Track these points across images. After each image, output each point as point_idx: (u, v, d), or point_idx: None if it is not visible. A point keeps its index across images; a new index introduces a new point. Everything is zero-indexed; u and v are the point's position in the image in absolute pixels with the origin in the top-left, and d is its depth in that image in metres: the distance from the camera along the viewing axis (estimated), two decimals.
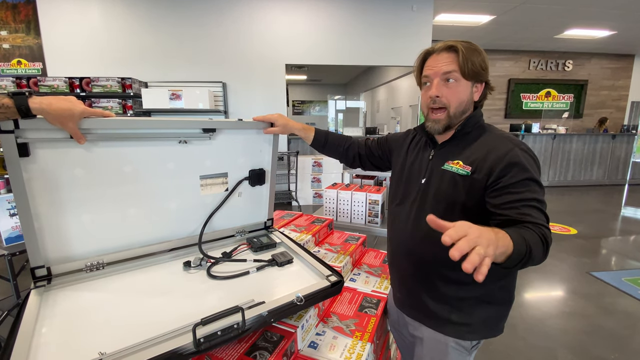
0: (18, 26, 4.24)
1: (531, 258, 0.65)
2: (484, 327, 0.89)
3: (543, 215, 0.73)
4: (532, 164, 0.78)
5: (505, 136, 0.83)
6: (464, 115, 0.87)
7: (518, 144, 0.80)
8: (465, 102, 0.85)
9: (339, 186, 1.96)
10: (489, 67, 0.86)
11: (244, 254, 1.05)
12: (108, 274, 0.89)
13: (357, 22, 4.74)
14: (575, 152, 6.60)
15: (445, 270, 0.86)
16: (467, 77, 0.82)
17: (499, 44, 6.70)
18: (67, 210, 0.82)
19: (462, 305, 0.87)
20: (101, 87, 4.00)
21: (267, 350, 0.75)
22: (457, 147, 0.87)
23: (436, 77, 0.84)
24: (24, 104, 0.66)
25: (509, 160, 0.77)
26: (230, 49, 4.59)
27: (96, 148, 0.83)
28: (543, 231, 0.69)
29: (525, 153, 0.78)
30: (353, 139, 1.19)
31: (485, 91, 0.88)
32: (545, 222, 0.72)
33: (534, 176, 0.76)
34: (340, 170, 5.03)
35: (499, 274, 0.84)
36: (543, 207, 0.74)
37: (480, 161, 0.80)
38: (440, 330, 0.89)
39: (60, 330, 0.67)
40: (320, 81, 11.43)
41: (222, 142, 1.03)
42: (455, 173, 0.83)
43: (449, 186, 0.83)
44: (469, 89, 0.84)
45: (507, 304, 0.90)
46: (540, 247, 0.67)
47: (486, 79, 0.86)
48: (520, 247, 0.62)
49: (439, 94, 0.83)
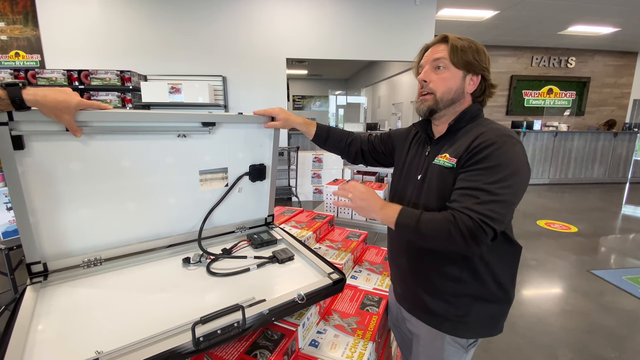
0: (16, 17, 4.19)
1: (420, 234, 0.76)
2: (481, 325, 0.88)
3: (480, 205, 0.70)
4: (508, 154, 0.74)
5: (496, 128, 0.80)
6: (455, 105, 0.86)
7: (502, 135, 0.76)
8: (454, 90, 0.84)
9: (339, 182, 1.94)
10: (491, 64, 0.85)
11: (244, 250, 1.04)
12: (106, 270, 0.88)
13: (359, 17, 4.69)
14: (576, 149, 6.57)
15: (441, 266, 0.85)
16: (456, 65, 0.82)
17: (502, 40, 6.63)
18: (63, 205, 0.80)
19: (458, 302, 0.85)
20: (100, 80, 3.96)
21: (268, 349, 0.73)
22: (449, 141, 0.87)
23: (427, 64, 0.87)
24: (18, 96, 0.64)
25: (477, 147, 0.76)
26: (231, 42, 4.54)
27: (93, 141, 0.81)
28: (453, 214, 0.72)
29: (506, 144, 0.74)
30: (355, 135, 1.17)
31: (483, 86, 0.86)
32: (472, 209, 0.70)
33: (498, 164, 0.73)
34: (340, 166, 5.01)
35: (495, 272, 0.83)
36: (484, 197, 0.71)
37: (463, 152, 0.79)
38: (437, 326, 0.89)
39: (56, 327, 0.66)
40: (321, 76, 11.36)
41: (222, 137, 1.01)
42: (442, 166, 0.83)
43: (438, 180, 0.83)
44: (458, 78, 0.83)
45: (506, 303, 0.89)
46: (440, 225, 0.73)
47: (482, 72, 0.84)
48: (406, 219, 0.78)
49: (427, 79, 0.86)
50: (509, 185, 0.72)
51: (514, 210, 0.82)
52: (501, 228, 0.73)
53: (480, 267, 0.82)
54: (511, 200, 0.73)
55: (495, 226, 0.70)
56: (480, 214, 0.70)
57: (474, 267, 0.82)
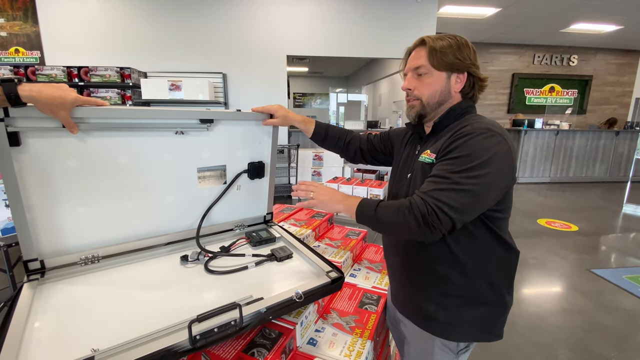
0: (16, 13, 4.18)
1: (378, 222, 0.78)
2: (472, 329, 0.84)
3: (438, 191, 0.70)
4: (481, 145, 0.71)
5: (480, 122, 0.77)
6: (444, 106, 0.85)
7: (480, 128, 0.74)
8: (440, 92, 0.83)
9: (339, 180, 1.93)
10: (493, 62, 0.83)
11: (242, 248, 1.03)
12: (103, 267, 0.87)
13: (360, 14, 4.66)
14: (577, 148, 6.55)
15: (430, 265, 0.84)
16: (437, 67, 0.81)
17: (504, 37, 6.59)
18: (60, 202, 0.80)
19: (448, 303, 0.83)
20: (100, 77, 3.95)
21: (266, 347, 0.73)
22: (434, 138, 0.86)
23: (409, 72, 0.87)
24: (13, 92, 0.64)
25: (453, 139, 0.76)
26: (231, 39, 4.52)
27: (90, 138, 0.80)
28: (410, 199, 0.73)
29: (481, 135, 0.72)
30: (355, 134, 1.16)
31: (471, 81, 0.83)
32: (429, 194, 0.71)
33: (469, 154, 0.71)
34: (341, 164, 5.00)
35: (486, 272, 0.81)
36: (444, 184, 0.70)
37: (441, 146, 0.79)
38: (427, 328, 0.87)
39: (53, 324, 0.65)
40: (322, 73, 11.32)
41: (220, 134, 1.01)
42: (424, 162, 0.82)
43: (421, 177, 0.82)
44: (442, 80, 0.82)
45: (501, 307, 0.85)
46: (396, 210, 0.74)
47: (467, 69, 0.81)
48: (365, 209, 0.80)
49: (410, 86, 0.86)
50: (477, 176, 0.69)
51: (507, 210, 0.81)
52: (462, 218, 0.71)
53: (469, 266, 0.80)
54: (477, 191, 0.69)
55: (452, 214, 0.69)
56: (436, 199, 0.69)
57: (463, 266, 0.80)
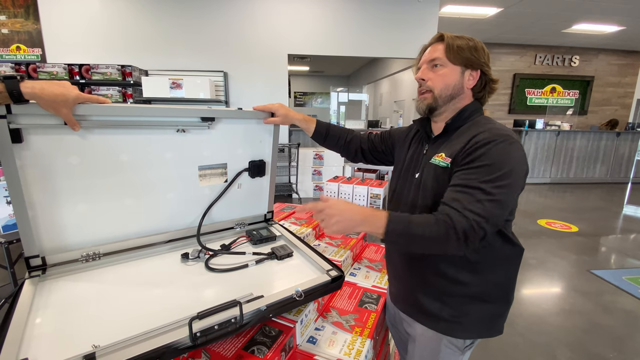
0: (17, 11, 4.17)
1: (412, 237, 0.71)
2: (478, 326, 0.86)
3: (476, 204, 0.69)
4: (504, 154, 0.72)
5: (494, 127, 0.78)
6: (455, 101, 0.85)
7: (499, 134, 0.74)
8: (453, 85, 0.83)
9: (340, 179, 1.93)
10: (494, 62, 0.83)
11: (243, 246, 1.03)
12: (104, 264, 0.87)
13: (361, 13, 4.65)
14: (578, 149, 6.54)
15: (437, 266, 0.84)
16: (453, 60, 0.82)
17: (505, 37, 6.58)
18: (62, 199, 0.80)
19: (454, 302, 0.84)
20: (101, 75, 3.95)
21: (265, 345, 0.73)
22: (446, 139, 0.86)
23: (423, 65, 0.87)
24: (16, 89, 0.64)
25: (473, 145, 0.75)
26: (232, 38, 4.52)
27: (91, 135, 0.80)
28: (449, 214, 0.69)
29: (502, 143, 0.73)
30: (355, 133, 1.17)
31: (484, 81, 0.85)
32: (467, 208, 0.69)
33: (494, 163, 0.71)
34: (341, 163, 5.00)
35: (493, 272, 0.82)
36: (480, 195, 0.69)
37: (458, 151, 0.78)
38: (432, 327, 0.88)
39: (54, 321, 0.66)
40: (323, 73, 11.31)
41: (221, 132, 1.01)
42: (438, 166, 0.82)
43: (434, 180, 0.82)
44: (457, 73, 0.83)
45: (504, 303, 0.87)
46: (436, 227, 0.69)
47: (481, 67, 0.83)
48: (396, 225, 0.71)
49: (424, 77, 0.86)
50: (504, 185, 0.71)
51: (512, 212, 0.81)
52: (493, 229, 0.72)
53: (478, 266, 0.81)
54: (505, 201, 0.71)
55: (488, 227, 0.69)
56: (476, 214, 0.68)
57: (472, 267, 0.81)
